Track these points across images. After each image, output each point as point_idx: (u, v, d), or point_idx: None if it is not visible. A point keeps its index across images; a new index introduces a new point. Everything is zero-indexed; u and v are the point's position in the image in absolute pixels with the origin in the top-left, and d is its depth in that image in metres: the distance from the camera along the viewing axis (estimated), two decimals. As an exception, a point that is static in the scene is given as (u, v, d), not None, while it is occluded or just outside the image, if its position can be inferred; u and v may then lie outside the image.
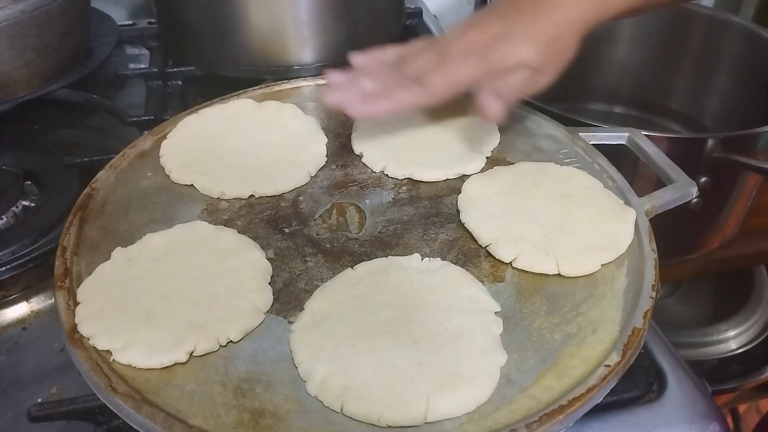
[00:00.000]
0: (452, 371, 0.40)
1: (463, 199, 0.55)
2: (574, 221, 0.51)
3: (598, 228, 0.50)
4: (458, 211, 0.54)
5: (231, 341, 0.43)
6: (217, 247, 0.49)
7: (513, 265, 0.49)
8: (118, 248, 0.49)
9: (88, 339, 0.42)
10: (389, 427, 0.38)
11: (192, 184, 0.56)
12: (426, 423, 0.38)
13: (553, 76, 0.55)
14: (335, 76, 0.59)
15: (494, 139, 0.62)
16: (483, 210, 0.53)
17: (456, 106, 0.67)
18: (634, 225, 0.51)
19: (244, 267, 0.47)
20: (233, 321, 0.43)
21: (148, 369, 0.41)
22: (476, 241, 0.51)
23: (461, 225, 0.52)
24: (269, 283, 0.47)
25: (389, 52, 0.60)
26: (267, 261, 0.49)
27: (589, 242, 0.49)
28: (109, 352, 0.41)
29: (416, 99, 0.55)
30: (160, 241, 0.49)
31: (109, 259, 0.48)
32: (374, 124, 0.63)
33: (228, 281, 0.46)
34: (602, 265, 0.48)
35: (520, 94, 0.56)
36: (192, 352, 0.41)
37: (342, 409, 0.38)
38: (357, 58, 0.60)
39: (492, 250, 0.50)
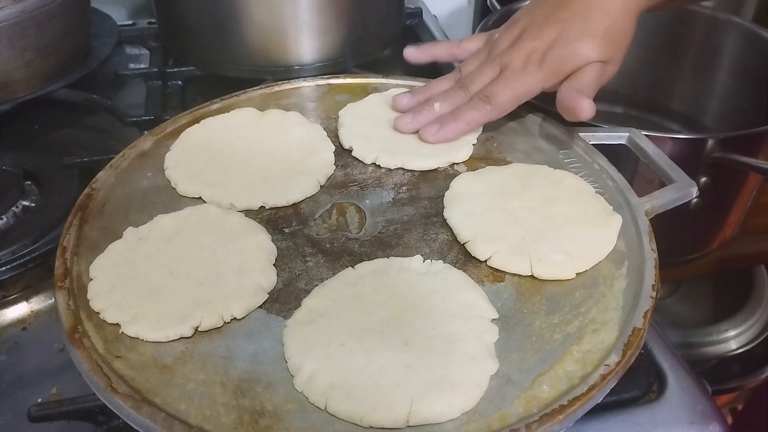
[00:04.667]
0: (440, 376, 0.39)
1: (448, 196, 0.55)
2: (555, 225, 0.51)
3: (579, 233, 0.50)
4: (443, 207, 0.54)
5: (234, 318, 0.44)
6: (225, 229, 0.51)
7: (488, 264, 0.49)
8: (130, 228, 0.50)
9: (99, 313, 0.44)
10: (372, 428, 0.38)
11: (200, 197, 0.55)
12: (408, 426, 0.38)
13: (618, 63, 0.57)
14: (404, 101, 0.63)
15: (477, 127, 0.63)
16: (466, 207, 0.53)
17: None
18: (618, 232, 0.50)
19: (250, 248, 0.49)
20: (237, 299, 0.45)
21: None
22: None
23: (461, 225, 0.53)
24: (274, 265, 0.48)
25: (450, 75, 0.64)
26: (272, 243, 0.50)
27: (568, 247, 0.49)
28: (118, 325, 0.43)
29: (485, 116, 0.58)
30: (170, 222, 0.51)
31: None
32: (359, 118, 0.64)
33: (234, 261, 0.48)
34: (577, 273, 0.47)
35: (596, 88, 0.57)
36: (197, 327, 0.43)
37: (326, 407, 0.38)
38: (422, 88, 0.65)
39: (469, 247, 0.50)
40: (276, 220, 0.54)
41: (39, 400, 0.50)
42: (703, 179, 0.77)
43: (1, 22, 0.71)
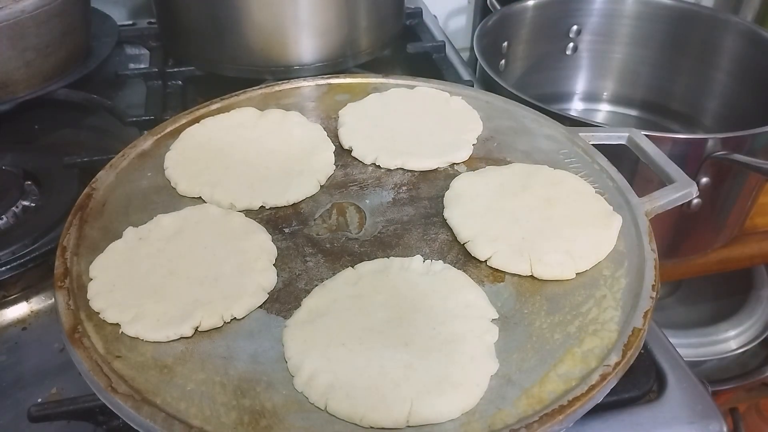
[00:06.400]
0: (440, 377, 0.39)
1: (449, 196, 0.55)
2: (555, 225, 0.51)
3: (580, 233, 0.50)
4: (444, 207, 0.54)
5: (235, 318, 0.44)
6: (225, 229, 0.51)
7: (488, 264, 0.49)
8: (130, 228, 0.50)
9: (99, 313, 0.44)
10: (372, 428, 0.38)
11: (200, 197, 0.55)
12: (408, 426, 0.38)
13: None
14: None
15: (477, 127, 0.63)
16: (466, 207, 0.53)
17: (436, 96, 0.67)
18: (618, 232, 0.50)
19: (251, 248, 0.49)
20: (237, 299, 0.45)
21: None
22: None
23: (461, 225, 0.52)
24: (274, 265, 0.48)
25: None
26: (272, 244, 0.50)
27: (568, 247, 0.49)
28: (118, 325, 0.43)
29: None
30: (171, 222, 0.51)
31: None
32: (359, 118, 0.64)
33: (234, 261, 0.48)
34: (577, 273, 0.47)
35: None
36: (197, 327, 0.43)
37: (326, 407, 0.38)
38: None
39: (469, 247, 0.50)
40: (276, 220, 0.54)
41: (39, 400, 0.50)
42: (703, 179, 0.77)
43: (1, 22, 0.71)
